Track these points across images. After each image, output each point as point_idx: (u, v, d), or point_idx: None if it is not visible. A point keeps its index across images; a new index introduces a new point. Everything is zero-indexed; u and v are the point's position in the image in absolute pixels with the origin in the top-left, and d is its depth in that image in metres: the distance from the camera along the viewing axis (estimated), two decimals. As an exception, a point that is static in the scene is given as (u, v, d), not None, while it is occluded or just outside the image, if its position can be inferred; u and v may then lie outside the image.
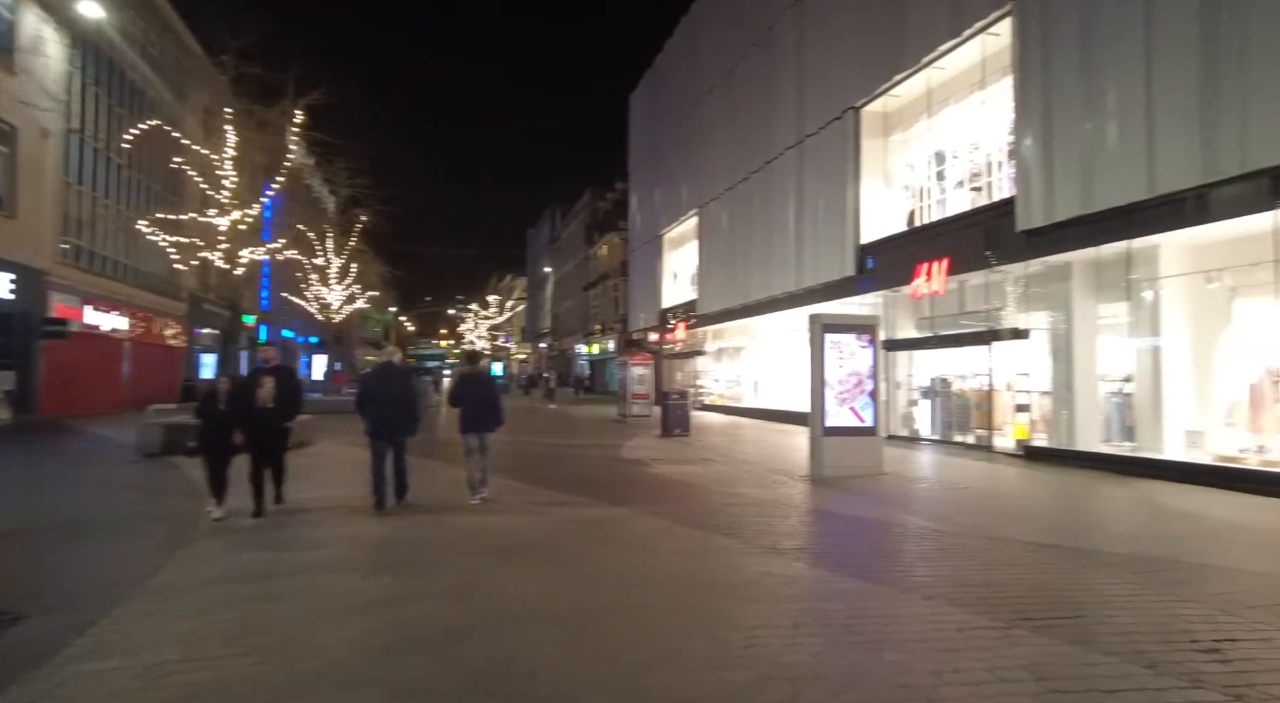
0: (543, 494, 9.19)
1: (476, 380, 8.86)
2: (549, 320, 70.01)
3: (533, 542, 6.68)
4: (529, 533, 7.04)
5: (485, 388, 8.81)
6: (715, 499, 9.15)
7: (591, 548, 6.47)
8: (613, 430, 19.85)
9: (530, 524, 7.43)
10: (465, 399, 8.62)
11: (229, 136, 15.79)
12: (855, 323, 12.20)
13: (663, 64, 34.96)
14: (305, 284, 28.52)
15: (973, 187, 16.35)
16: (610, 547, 6.53)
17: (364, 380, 8.85)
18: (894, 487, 10.62)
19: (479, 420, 8.51)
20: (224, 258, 15.61)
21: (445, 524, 7.52)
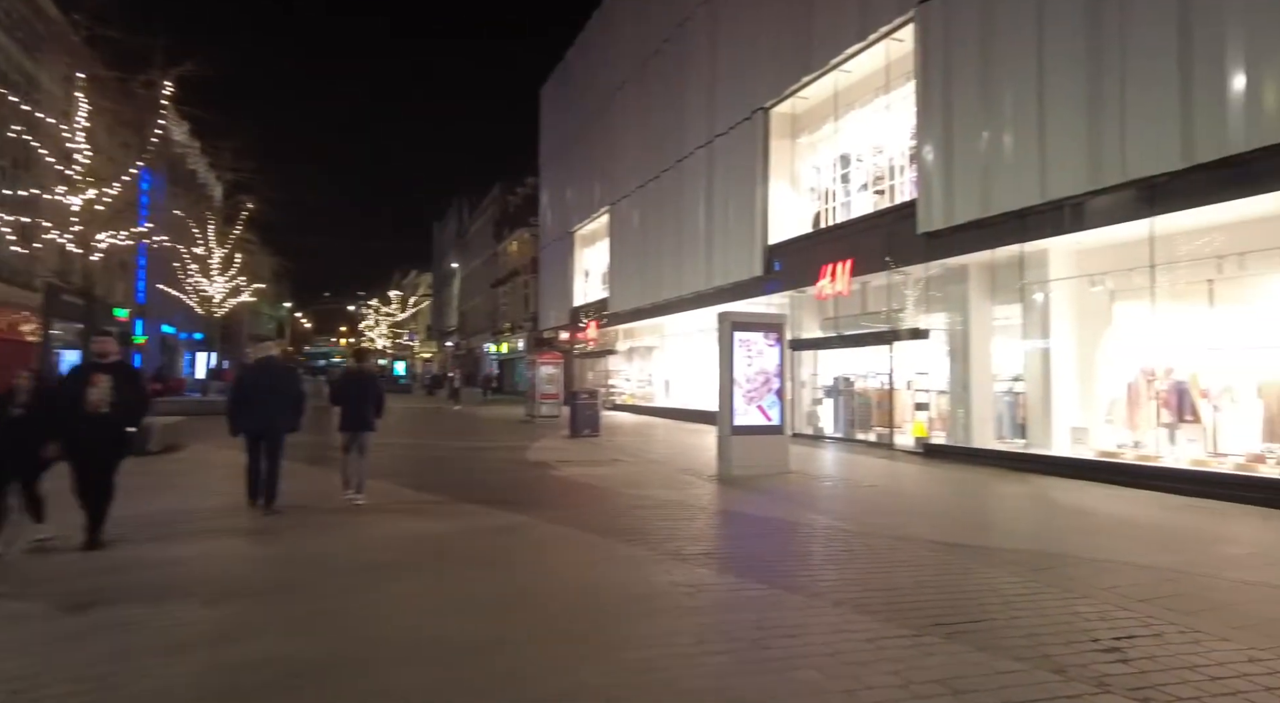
0: (435, 502, 8.54)
1: (359, 379, 8.69)
2: (455, 318, 67.95)
3: (415, 557, 6.06)
4: (412, 547, 6.41)
5: (367, 387, 8.62)
6: (621, 502, 8.77)
7: (481, 563, 5.91)
8: (519, 432, 19.19)
9: (415, 536, 6.79)
10: (347, 398, 8.47)
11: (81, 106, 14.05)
12: (763, 321, 12.12)
13: (574, 57, 34.44)
14: (184, 275, 26.27)
15: (876, 190, 16.70)
16: (502, 561, 6.00)
17: (239, 377, 8.34)
18: (800, 486, 10.55)
19: (358, 419, 8.36)
20: (77, 242, 13.86)
21: (319, 537, 6.79)
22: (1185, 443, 10.20)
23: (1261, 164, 8.89)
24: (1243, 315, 10.11)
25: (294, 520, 7.47)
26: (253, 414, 7.58)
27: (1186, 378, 10.39)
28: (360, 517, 7.64)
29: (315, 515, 7.71)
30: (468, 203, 63.09)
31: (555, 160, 37.44)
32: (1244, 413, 9.77)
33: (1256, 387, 9.64)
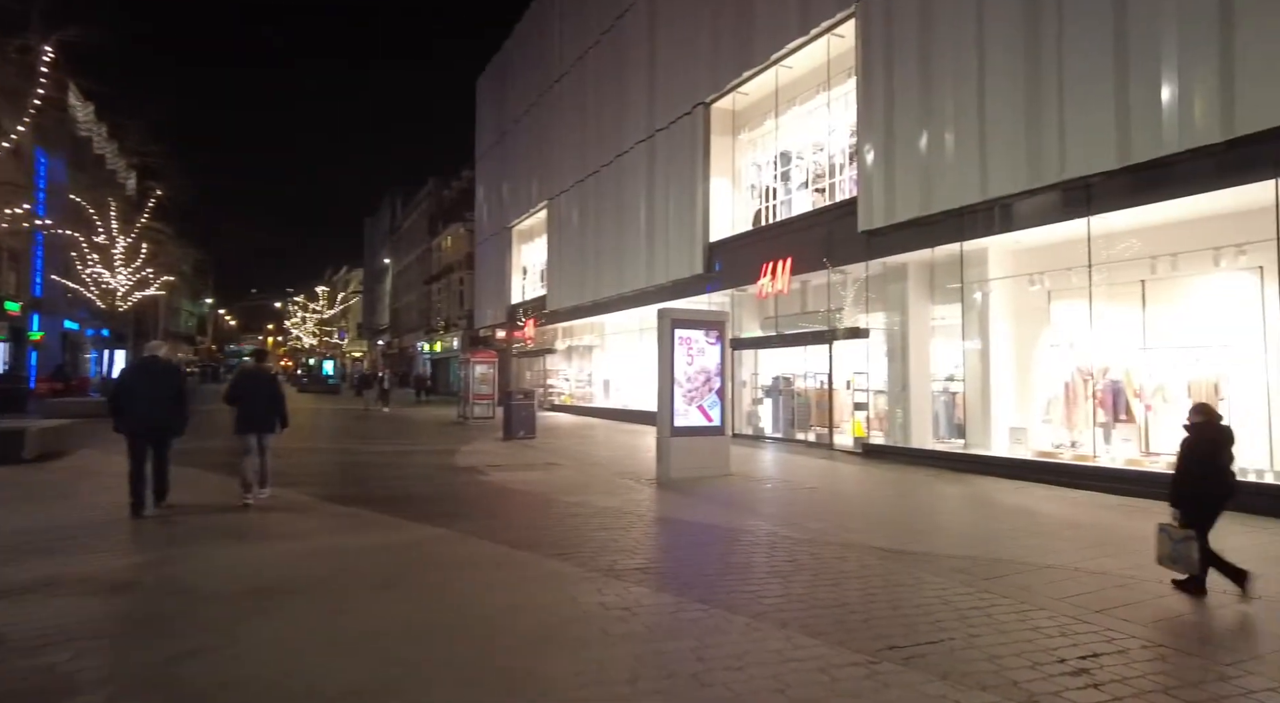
0: (348, 513, 7.76)
1: (258, 378, 8.56)
2: (388, 316, 65.73)
3: (309, 580, 5.33)
4: (308, 567, 5.67)
5: (266, 386, 8.51)
6: (553, 511, 8.18)
7: (386, 586, 5.21)
8: (450, 434, 18.32)
9: (315, 554, 6.05)
10: (243, 397, 8.27)
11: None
12: (704, 319, 11.71)
13: (512, 48, 33.52)
14: (83, 266, 24.23)
15: (816, 188, 16.55)
16: (411, 583, 5.32)
17: (122, 377, 8.00)
18: (742, 488, 10.17)
19: (257, 420, 8.22)
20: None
21: (206, 551, 5.99)
22: (1120, 442, 10.25)
23: (1191, 165, 8.95)
24: (1174, 316, 10.22)
25: (182, 532, 6.64)
26: (136, 415, 7.36)
27: (1121, 377, 10.45)
28: (256, 530, 6.84)
29: (207, 527, 6.89)
30: (401, 197, 61.07)
31: (492, 154, 36.40)
32: (1175, 412, 9.85)
33: (1187, 386, 9.73)
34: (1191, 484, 5.44)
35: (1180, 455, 5.56)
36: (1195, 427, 5.56)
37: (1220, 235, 9.48)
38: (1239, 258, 9.30)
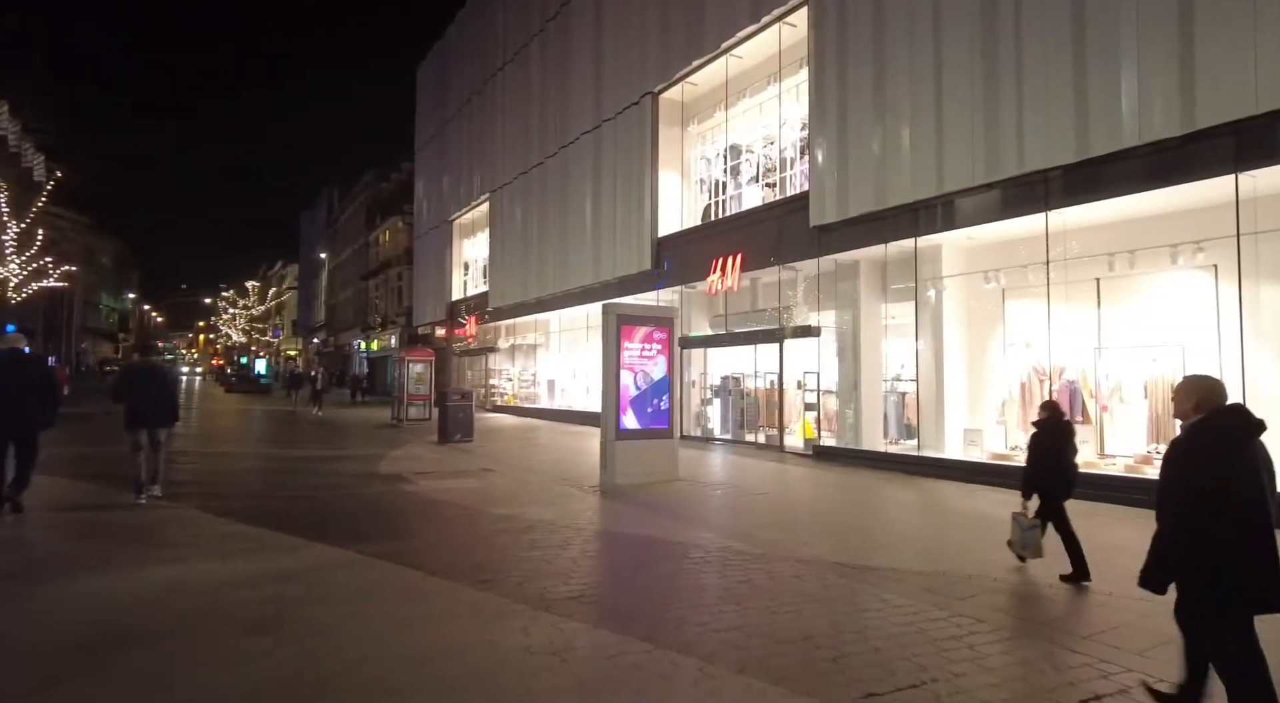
0: (240, 531, 6.75)
1: (148, 373, 8.26)
2: (324, 313, 63.13)
3: (168, 620, 4.37)
4: (172, 603, 4.70)
5: (157, 380, 8.18)
6: (480, 526, 7.36)
7: (261, 628, 4.25)
8: (380, 438, 17.19)
9: (186, 585, 5.08)
10: (131, 393, 8.03)
11: None
12: (652, 315, 11.02)
13: (454, 35, 32.24)
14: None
15: (767, 183, 16.07)
16: (294, 625, 4.35)
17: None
18: (690, 495, 9.52)
19: (148, 415, 7.99)
20: None
21: (49, 583, 4.97)
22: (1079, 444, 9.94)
23: (1150, 160, 8.70)
24: (1130, 314, 10.01)
25: (33, 554, 5.59)
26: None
27: (1077, 378, 10.19)
28: (121, 552, 5.81)
29: (65, 542, 5.84)
30: (339, 189, 58.65)
31: (432, 144, 35.00)
32: (1131, 413, 9.63)
33: (1143, 386, 9.50)
34: (1039, 477, 5.82)
35: (1029, 450, 5.96)
36: (1041, 423, 5.94)
37: (1178, 232, 9.28)
38: (1196, 255, 9.10)
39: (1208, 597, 2.89)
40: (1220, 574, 2.83)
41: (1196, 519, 2.83)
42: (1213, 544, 2.81)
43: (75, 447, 12.04)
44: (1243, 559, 2.79)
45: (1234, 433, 2.90)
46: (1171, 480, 2.99)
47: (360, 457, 13.02)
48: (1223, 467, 2.82)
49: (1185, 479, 2.92)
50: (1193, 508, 2.85)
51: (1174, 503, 2.93)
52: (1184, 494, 2.89)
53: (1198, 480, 2.86)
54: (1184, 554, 2.89)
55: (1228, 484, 2.80)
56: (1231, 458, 2.83)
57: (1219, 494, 2.79)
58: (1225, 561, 2.81)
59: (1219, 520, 2.79)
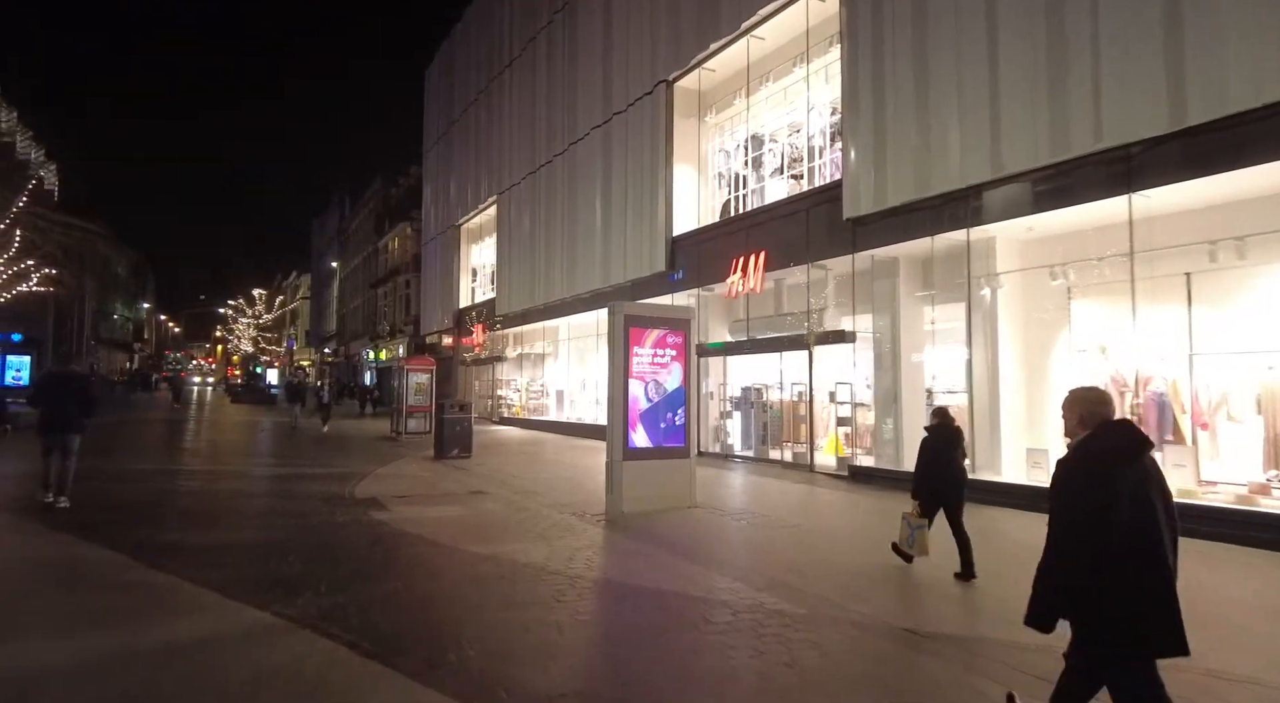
0: (143, 582, 5.31)
1: (63, 380, 8.40)
2: (335, 322, 62.25)
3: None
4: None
5: (70, 387, 8.29)
6: (453, 571, 5.95)
7: None
8: (372, 453, 15.87)
9: (24, 672, 3.74)
10: (46, 399, 8.18)
11: None
12: (665, 316, 9.61)
13: (460, 34, 31.21)
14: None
15: (793, 174, 14.65)
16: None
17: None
18: (709, 528, 8.08)
19: (59, 421, 8.06)
20: None
21: None
22: (1170, 469, 8.40)
23: (1270, 124, 7.19)
24: (1234, 314, 8.46)
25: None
26: None
27: (1166, 389, 8.64)
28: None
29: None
30: (349, 196, 57.86)
31: (439, 148, 33.94)
32: (1241, 433, 8.07)
33: (1256, 400, 7.95)
34: (928, 479, 6.13)
35: (919, 454, 6.21)
36: (932, 428, 6.25)
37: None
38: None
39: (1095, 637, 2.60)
40: (1103, 612, 2.54)
41: (1073, 549, 2.56)
42: (1094, 578, 2.53)
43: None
44: (1129, 594, 2.50)
45: (1115, 452, 2.62)
46: (1052, 507, 2.71)
47: (340, 475, 11.68)
48: (1102, 490, 2.54)
49: (1063, 505, 2.65)
50: (1069, 536, 2.59)
51: (1052, 531, 2.68)
52: (1062, 520, 2.64)
53: (1074, 505, 2.60)
54: (1065, 588, 2.60)
55: (1108, 510, 2.51)
56: (1111, 480, 2.54)
57: (1098, 521, 2.52)
58: (1109, 596, 2.52)
59: (1100, 551, 2.51)
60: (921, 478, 6.16)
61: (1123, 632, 2.50)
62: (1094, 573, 2.50)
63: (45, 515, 7.68)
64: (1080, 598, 2.55)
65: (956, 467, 6.15)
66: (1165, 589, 2.51)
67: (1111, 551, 2.48)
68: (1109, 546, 2.49)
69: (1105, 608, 2.51)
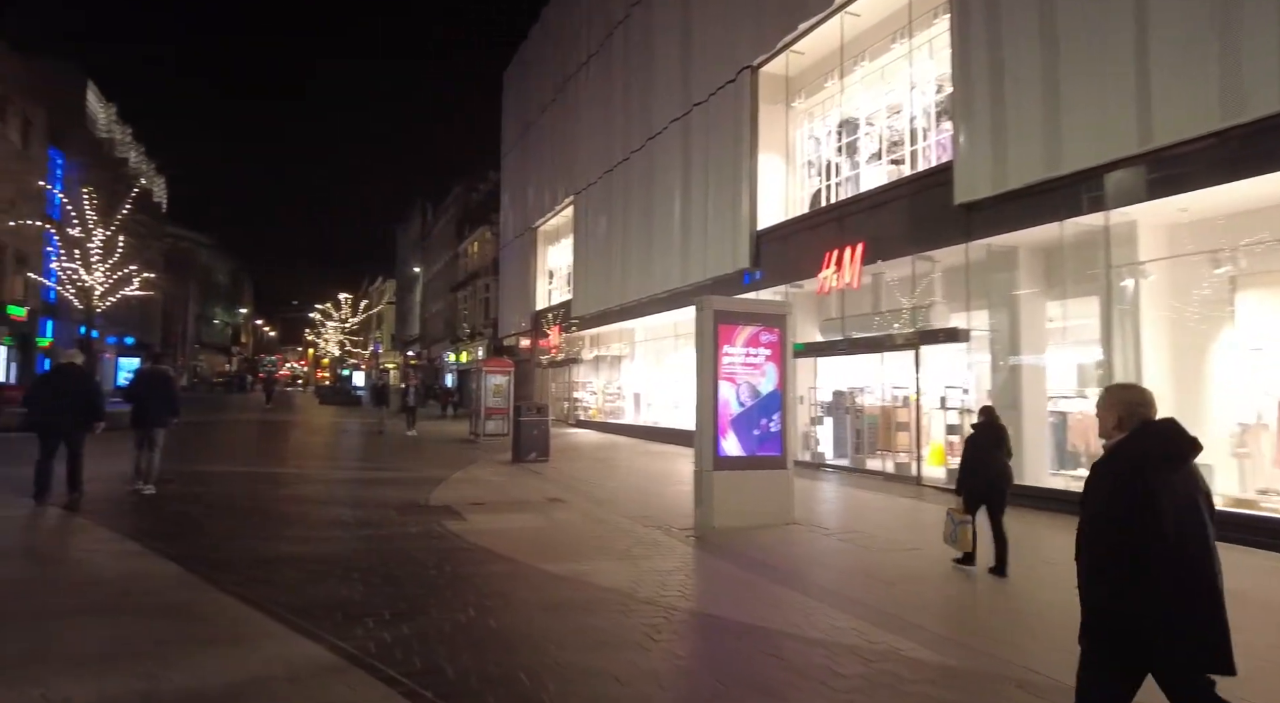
0: (192, 605, 4.89)
1: (152, 379, 9.29)
2: (418, 326, 63.81)
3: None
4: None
5: (159, 386, 9.19)
6: (526, 595, 5.26)
7: None
8: (450, 456, 15.57)
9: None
10: (138, 396, 9.12)
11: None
12: (759, 312, 8.74)
13: (537, 34, 31.09)
14: (60, 263, 22.24)
15: (892, 160, 13.50)
16: None
17: (36, 381, 9.46)
18: (815, 550, 7.17)
19: (149, 416, 8.89)
20: None
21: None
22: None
23: None
24: None
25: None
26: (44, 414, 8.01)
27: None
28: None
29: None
30: (431, 203, 59.22)
31: (516, 151, 33.97)
32: None
33: None
34: (971, 477, 6.21)
35: (963, 452, 6.38)
36: (977, 427, 6.42)
37: None
38: None
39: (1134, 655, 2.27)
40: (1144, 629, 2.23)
41: (1112, 563, 2.29)
42: (1135, 593, 2.23)
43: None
44: (1175, 611, 2.22)
45: (1162, 456, 2.32)
46: (1085, 516, 2.43)
47: (416, 480, 11.30)
48: (1145, 498, 2.25)
49: (1099, 514, 2.36)
50: (1107, 549, 2.32)
51: (1090, 545, 2.38)
52: (1102, 533, 2.33)
53: (1112, 515, 2.31)
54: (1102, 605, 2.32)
55: (1152, 520, 2.22)
56: (1150, 488, 2.26)
57: (1140, 532, 2.23)
58: (1152, 613, 2.22)
59: (1142, 564, 2.23)
60: (962, 476, 6.35)
61: (1165, 650, 2.24)
62: (1134, 588, 2.25)
63: (120, 520, 7.49)
64: (1120, 615, 2.29)
65: (999, 466, 6.25)
66: (1213, 605, 2.26)
67: (1155, 564, 2.24)
68: (1152, 558, 2.24)
69: (1146, 625, 2.25)
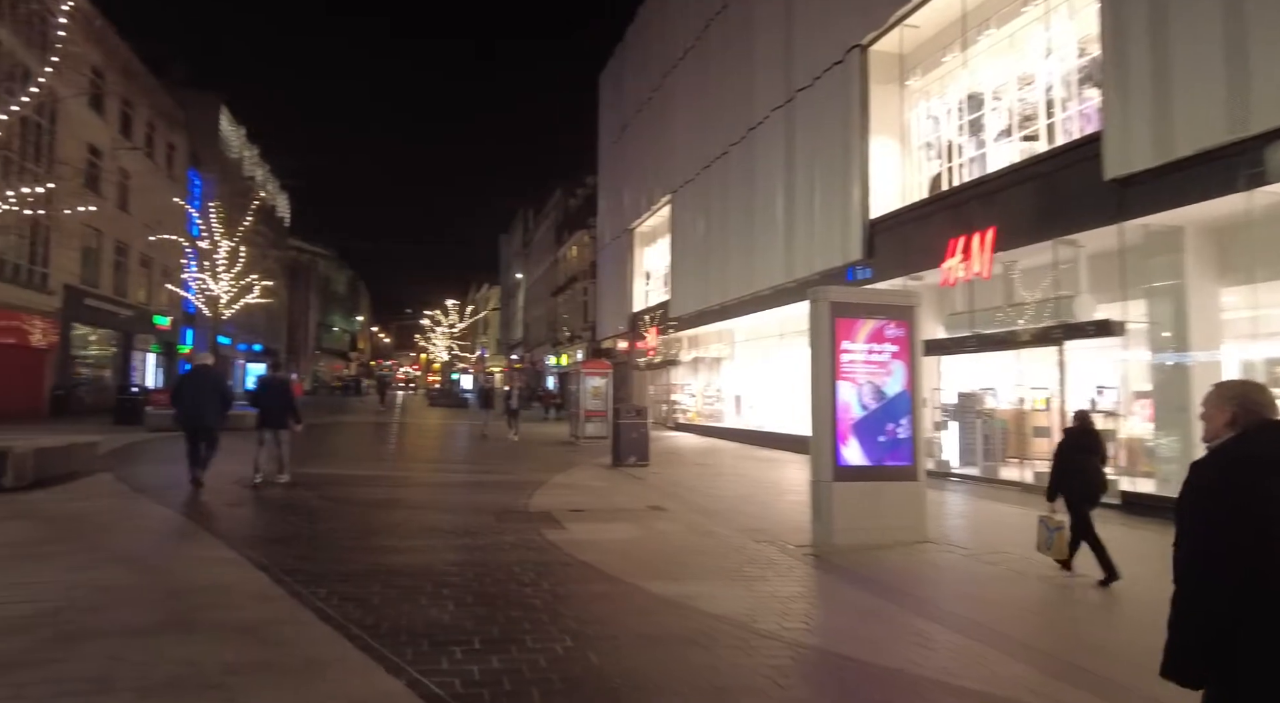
0: (263, 622, 4.47)
1: (273, 386, 10.20)
2: (520, 330, 65.25)
3: None
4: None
5: (280, 391, 10.09)
6: (635, 625, 4.65)
7: None
8: (550, 458, 15.34)
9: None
10: (263, 401, 9.95)
11: None
12: (884, 303, 7.83)
13: (633, 35, 30.80)
14: (191, 273, 23.75)
15: (1026, 135, 12.14)
16: None
17: (178, 382, 9.94)
18: (954, 574, 6.25)
19: (272, 417, 9.82)
20: None
21: None
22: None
23: None
24: None
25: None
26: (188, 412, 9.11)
27: None
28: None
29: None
30: (532, 210, 60.41)
31: (612, 152, 33.82)
32: None
33: None
34: (1063, 482, 6.11)
35: (1053, 456, 6.27)
36: (1069, 430, 6.39)
37: None
38: None
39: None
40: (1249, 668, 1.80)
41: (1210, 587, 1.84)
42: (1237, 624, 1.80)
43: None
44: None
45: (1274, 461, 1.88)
46: (1181, 530, 1.97)
47: (516, 483, 11.02)
48: (1257, 511, 1.80)
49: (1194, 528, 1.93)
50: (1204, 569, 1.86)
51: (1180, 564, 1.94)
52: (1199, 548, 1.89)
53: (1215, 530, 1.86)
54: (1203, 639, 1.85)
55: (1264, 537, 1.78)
56: (1268, 499, 1.80)
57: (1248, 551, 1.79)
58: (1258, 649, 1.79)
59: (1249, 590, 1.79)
60: (1053, 481, 6.16)
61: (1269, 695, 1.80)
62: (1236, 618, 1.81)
63: (225, 522, 7.50)
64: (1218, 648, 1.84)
65: (1091, 471, 6.07)
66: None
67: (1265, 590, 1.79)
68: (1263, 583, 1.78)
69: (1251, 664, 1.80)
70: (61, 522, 7.15)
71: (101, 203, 25.76)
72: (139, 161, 29.35)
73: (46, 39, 11.35)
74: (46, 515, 7.47)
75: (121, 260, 28.31)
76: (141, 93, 29.28)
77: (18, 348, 21.98)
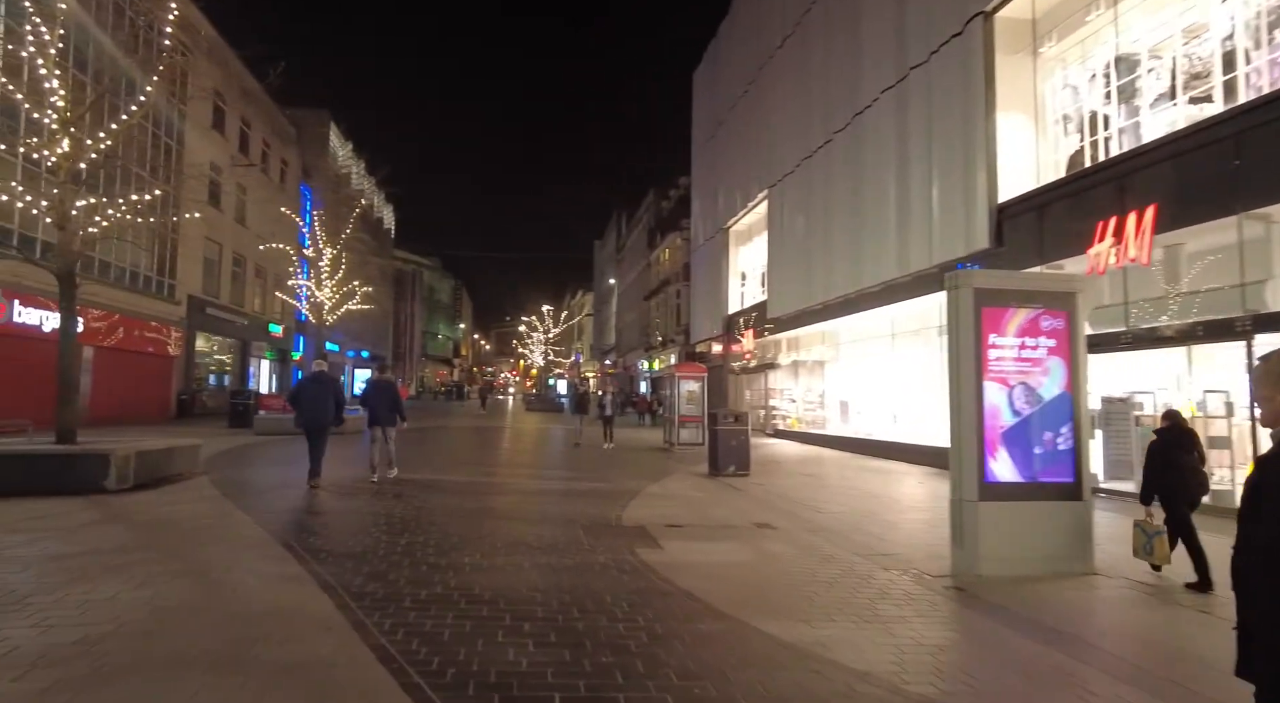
0: (316, 662, 3.87)
1: (380, 387, 10.74)
2: (613, 335, 65.29)
3: None
4: None
5: (387, 393, 10.69)
6: (750, 680, 3.76)
7: None
8: (645, 466, 14.60)
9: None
10: (372, 402, 10.62)
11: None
12: (1039, 289, 6.61)
13: (726, 30, 29.87)
14: (296, 281, 24.59)
15: (1193, 96, 10.43)
16: None
17: (297, 386, 10.32)
18: (1134, 614, 5.06)
19: (382, 417, 10.54)
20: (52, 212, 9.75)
21: None
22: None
23: None
24: None
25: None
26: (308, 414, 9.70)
27: None
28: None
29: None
30: (625, 215, 60.37)
31: (706, 150, 32.92)
32: None
33: None
34: (1157, 484, 5.90)
35: (1146, 457, 6.07)
36: (1161, 431, 6.12)
37: None
38: None
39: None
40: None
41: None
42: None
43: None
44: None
45: None
46: (1246, 531, 1.82)
47: (609, 493, 10.33)
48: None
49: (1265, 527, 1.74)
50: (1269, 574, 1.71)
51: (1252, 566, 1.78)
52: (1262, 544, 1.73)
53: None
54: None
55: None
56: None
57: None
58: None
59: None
60: (1148, 482, 5.98)
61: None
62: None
63: (301, 533, 7.15)
64: None
65: (1188, 471, 5.89)
66: None
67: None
68: None
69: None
70: (146, 528, 6.98)
71: (220, 216, 27.36)
72: (255, 177, 31.05)
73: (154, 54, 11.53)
74: (136, 521, 7.35)
75: (239, 272, 29.95)
76: (258, 113, 30.98)
77: (154, 356, 23.41)
